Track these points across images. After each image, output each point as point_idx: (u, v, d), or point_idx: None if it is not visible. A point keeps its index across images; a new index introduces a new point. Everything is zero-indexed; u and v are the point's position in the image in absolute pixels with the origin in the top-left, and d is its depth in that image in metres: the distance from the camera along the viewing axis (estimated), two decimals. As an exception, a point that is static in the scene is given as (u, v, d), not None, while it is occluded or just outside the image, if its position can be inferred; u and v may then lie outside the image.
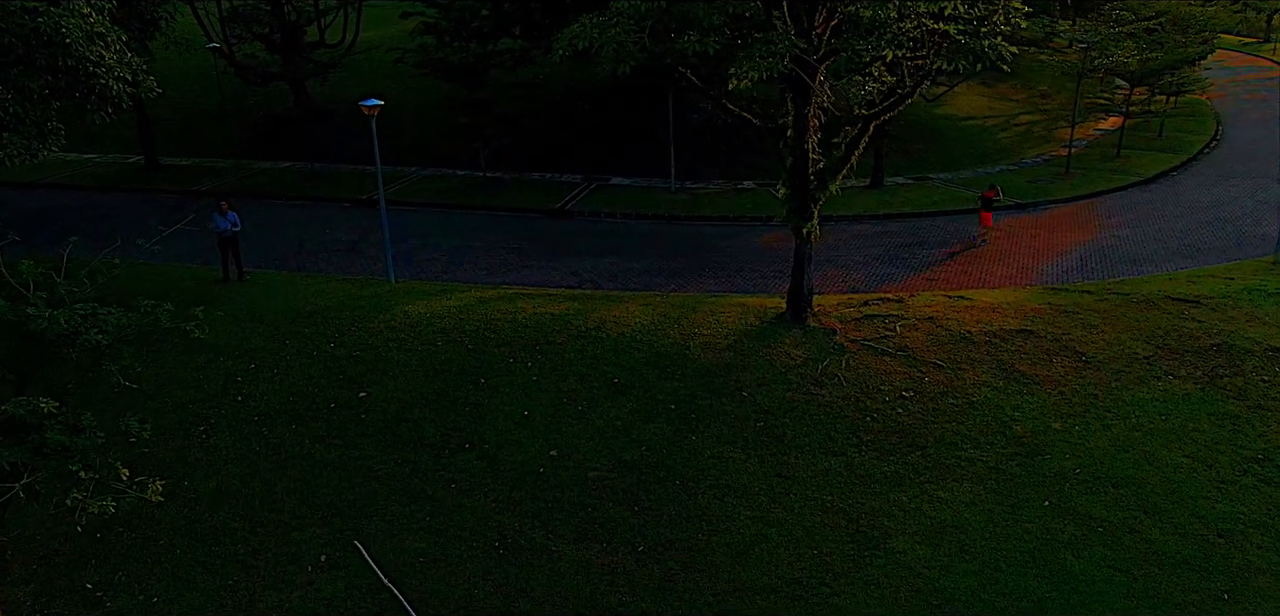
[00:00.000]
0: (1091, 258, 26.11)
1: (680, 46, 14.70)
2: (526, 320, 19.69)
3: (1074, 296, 21.21)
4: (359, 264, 25.77)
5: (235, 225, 22.20)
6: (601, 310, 20.12)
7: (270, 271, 24.23)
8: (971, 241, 27.64)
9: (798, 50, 14.44)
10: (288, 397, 17.78)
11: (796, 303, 19.12)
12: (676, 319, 19.59)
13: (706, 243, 27.74)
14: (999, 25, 13.96)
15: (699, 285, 23.96)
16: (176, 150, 39.52)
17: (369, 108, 21.07)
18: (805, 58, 15.05)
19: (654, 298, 21.42)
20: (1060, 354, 18.33)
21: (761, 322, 19.37)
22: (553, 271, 25.13)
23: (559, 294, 22.06)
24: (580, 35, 14.71)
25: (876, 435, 16.27)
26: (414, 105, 40.86)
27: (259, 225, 29.67)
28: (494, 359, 18.44)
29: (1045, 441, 16.05)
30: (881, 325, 19.31)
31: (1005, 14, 13.99)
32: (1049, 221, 30.28)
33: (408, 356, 18.62)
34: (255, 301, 21.21)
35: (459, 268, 25.53)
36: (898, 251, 26.93)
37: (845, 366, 17.83)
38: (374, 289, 22.17)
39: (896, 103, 16.25)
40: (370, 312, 20.36)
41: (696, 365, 17.95)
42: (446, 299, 21.16)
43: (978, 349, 18.47)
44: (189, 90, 44.44)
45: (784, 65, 14.22)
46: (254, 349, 19.15)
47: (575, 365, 18.13)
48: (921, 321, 19.50)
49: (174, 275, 23.47)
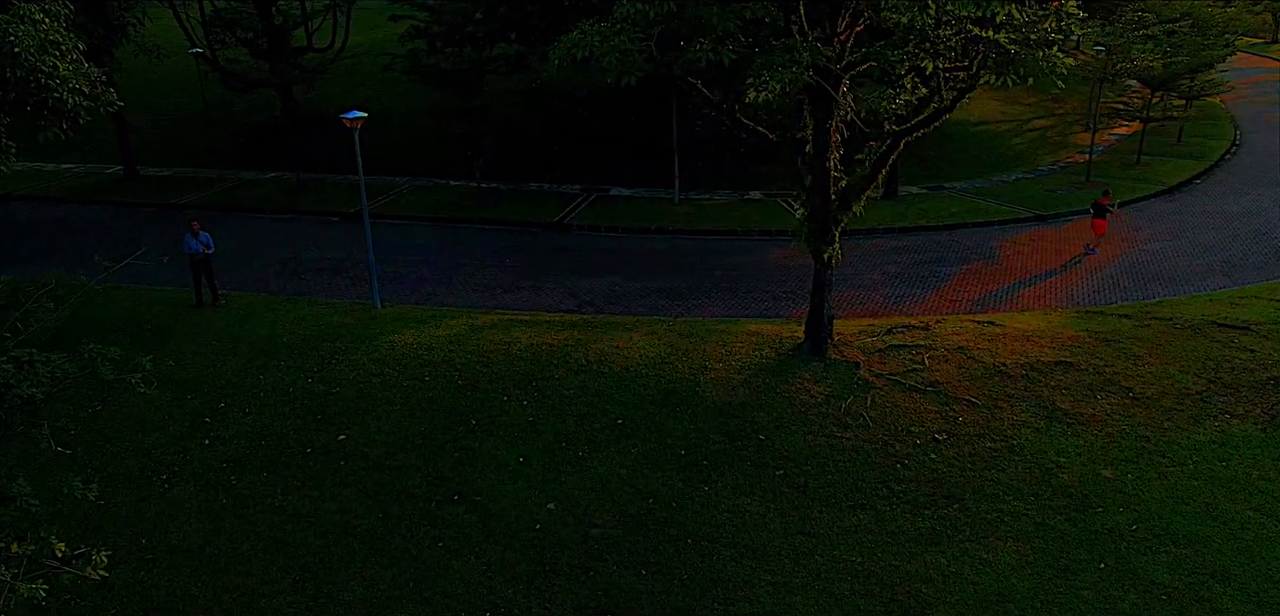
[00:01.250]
0: (1123, 275, 24.58)
1: (691, 56, 13.15)
2: (522, 351, 18.13)
3: (1112, 322, 19.68)
4: (344, 285, 24.19)
5: (208, 247, 20.61)
6: (603, 340, 18.56)
7: (248, 294, 22.64)
8: (1086, 249, 26.52)
9: (822, 59, 12.89)
10: (259, 441, 16.20)
11: (816, 333, 17.58)
12: (685, 350, 18.03)
13: (713, 259, 26.19)
14: (1051, 32, 12.42)
15: (707, 308, 22.41)
16: (158, 159, 37.94)
17: (351, 120, 19.50)
18: (828, 67, 13.50)
19: (660, 325, 19.86)
20: (1104, 389, 16.79)
21: (778, 354, 17.82)
22: (551, 292, 23.57)
23: (557, 320, 20.50)
24: (580, 44, 13.16)
25: (908, 485, 14.71)
26: (404, 112, 39.29)
27: (240, 242, 28.13)
28: (486, 396, 16.88)
29: (1095, 492, 14.50)
30: (908, 356, 17.77)
31: (1058, 19, 12.45)
32: (1072, 235, 28.75)
33: (392, 394, 17.06)
34: (228, 330, 19.63)
35: (451, 288, 23.96)
36: (917, 269, 25.40)
37: (870, 404, 16.28)
38: (358, 315, 20.59)
39: (931, 118, 14.72)
40: (353, 343, 18.79)
41: (708, 404, 16.39)
42: (435, 327, 19.59)
43: (1014, 383, 16.93)
44: (171, 97, 42.91)
45: (807, 76, 12.67)
46: (224, 385, 17.57)
47: (575, 403, 16.57)
48: (951, 352, 17.96)
49: (144, 299, 21.90)
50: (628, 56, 12.75)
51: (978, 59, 12.80)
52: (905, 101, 15.26)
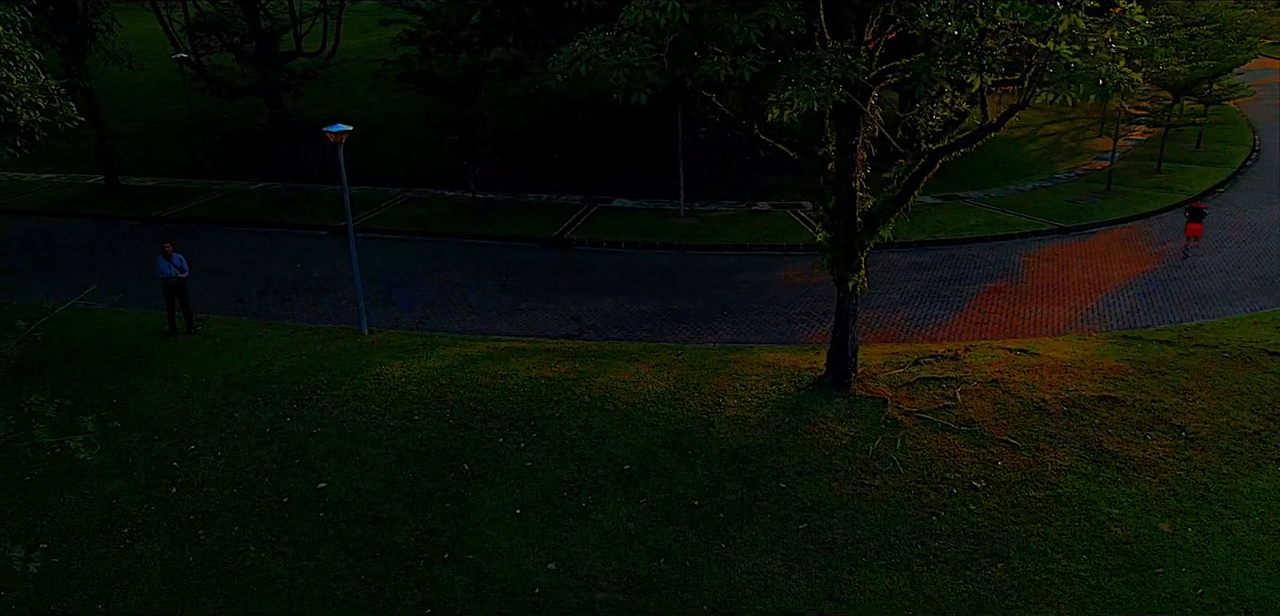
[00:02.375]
0: (1155, 293, 23.20)
1: (708, 70, 11.75)
2: (519, 385, 16.73)
3: (1154, 350, 18.30)
4: (330, 306, 22.77)
5: (182, 270, 19.19)
6: (607, 372, 17.16)
7: (227, 319, 21.22)
8: (1184, 253, 25.63)
9: (853, 75, 11.49)
10: (231, 489, 14.79)
11: (839, 366, 16.18)
12: (696, 384, 16.63)
13: (721, 277, 24.79)
14: (1112, 42, 11.04)
15: (717, 332, 21.02)
16: (142, 169, 36.53)
17: (334, 134, 18.09)
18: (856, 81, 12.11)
19: (668, 354, 18.46)
20: (1154, 428, 15.39)
21: (797, 389, 16.42)
22: (550, 315, 22.17)
23: (557, 348, 19.09)
24: (583, 57, 11.75)
25: (946, 541, 13.31)
26: (397, 119, 37.92)
27: (223, 257, 26.74)
28: (480, 437, 15.47)
29: (1153, 548, 13.10)
30: (938, 391, 16.37)
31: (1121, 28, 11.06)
32: (1098, 248, 27.40)
33: (378, 434, 15.65)
34: (202, 360, 18.22)
35: (444, 310, 22.55)
36: (937, 287, 24.03)
37: (900, 447, 14.88)
38: (343, 343, 19.18)
39: (974, 137, 13.32)
40: (336, 375, 17.38)
41: (723, 446, 14.99)
42: (426, 357, 18.18)
43: (1055, 421, 15.54)
44: (156, 103, 41.51)
45: (836, 94, 11.28)
46: (195, 424, 16.16)
47: (577, 445, 15.16)
48: (985, 386, 16.57)
49: (116, 324, 20.50)
50: (637, 72, 11.35)
51: (1031, 73, 11.42)
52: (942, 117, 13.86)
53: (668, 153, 31.14)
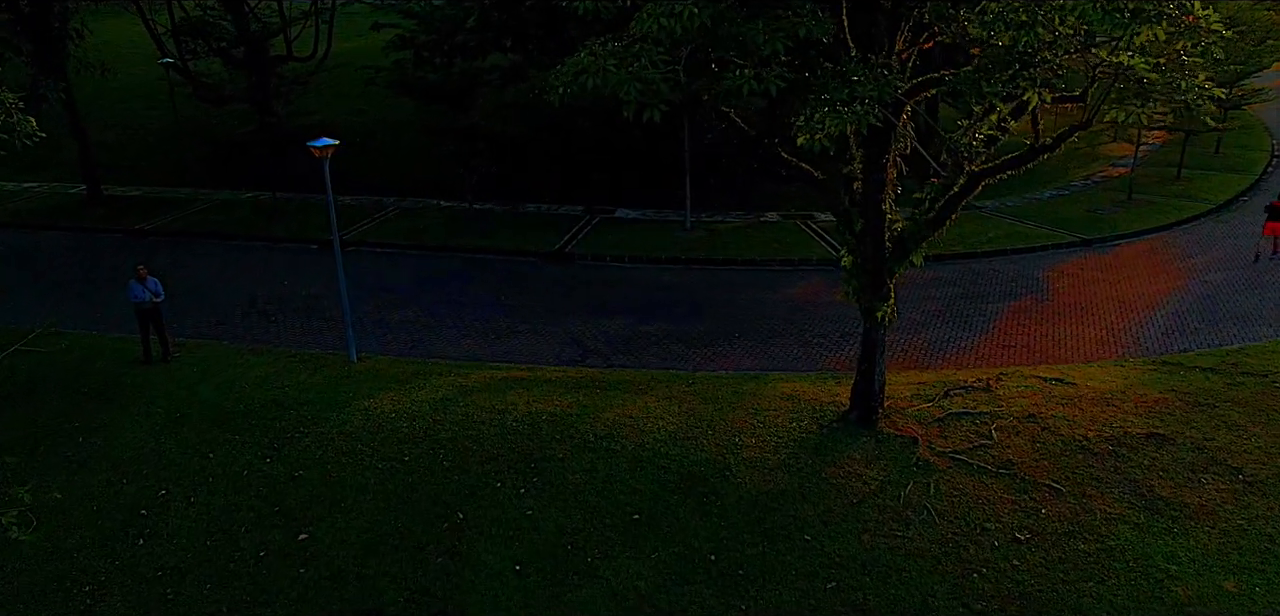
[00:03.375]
0: (1189, 313, 21.97)
1: (729, 84, 10.50)
2: (519, 422, 15.48)
3: (1198, 379, 17.08)
4: (319, 329, 21.51)
5: (157, 295, 17.94)
6: (614, 407, 15.92)
7: (207, 343, 19.97)
8: (1262, 253, 24.58)
9: (891, 94, 10.26)
10: (204, 540, 13.53)
11: (866, 402, 14.94)
12: (710, 420, 15.39)
13: (731, 295, 23.56)
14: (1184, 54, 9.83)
15: (728, 357, 19.78)
16: (127, 178, 35.26)
17: (320, 149, 16.85)
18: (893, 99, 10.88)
19: (678, 385, 17.22)
20: (1208, 470, 14.16)
21: (819, 426, 15.18)
22: (550, 338, 20.92)
23: (559, 377, 17.84)
24: (591, 70, 10.52)
25: (989, 602, 12.07)
26: (391, 125, 36.70)
27: (207, 273, 25.49)
28: (477, 481, 14.23)
29: (1218, 610, 11.86)
30: (972, 427, 15.14)
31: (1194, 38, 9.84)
32: (1123, 262, 26.19)
33: (365, 478, 14.40)
34: (177, 392, 16.97)
35: (438, 333, 21.30)
36: (958, 305, 22.80)
37: (934, 492, 13.65)
38: (330, 371, 17.93)
39: (1025, 157, 12.10)
40: (321, 410, 16.13)
41: (741, 493, 13.75)
42: (418, 388, 16.94)
43: (1100, 462, 14.30)
44: (140, 110, 40.26)
45: (873, 116, 10.05)
46: (167, 466, 14.90)
47: (582, 491, 13.92)
48: (1022, 421, 15.33)
49: (89, 349, 19.25)
50: (651, 86, 10.11)
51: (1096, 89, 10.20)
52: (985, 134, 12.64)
53: (672, 161, 29.91)
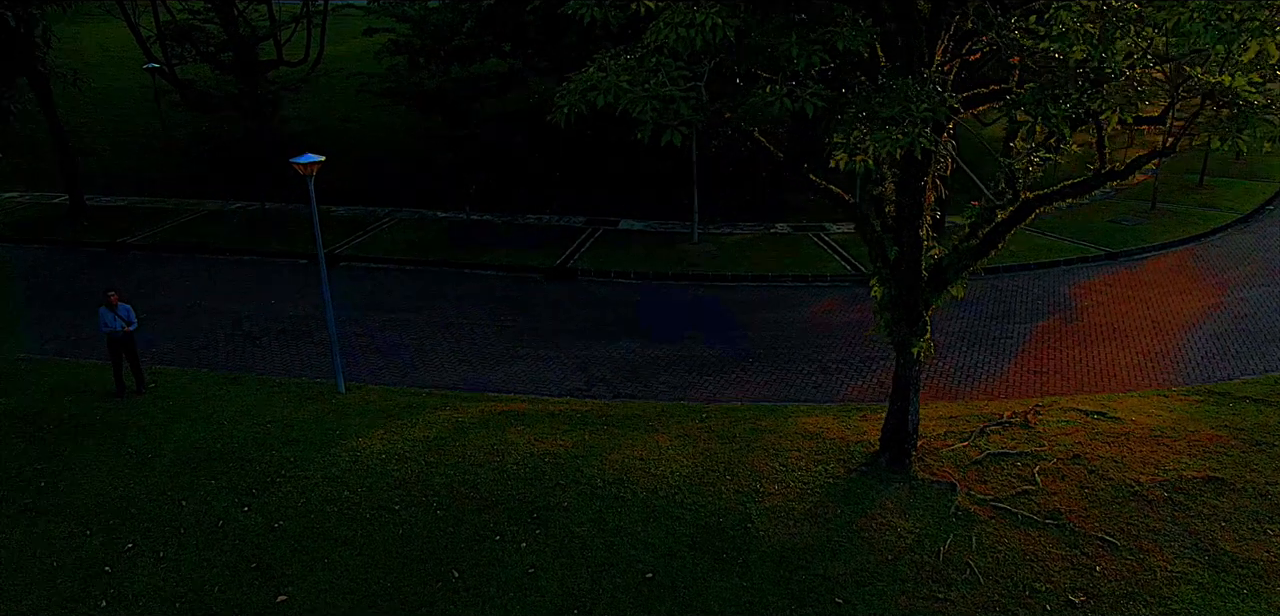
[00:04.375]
0: (1229, 335, 20.77)
1: (758, 102, 9.27)
2: (519, 464, 14.24)
3: (1251, 412, 15.86)
4: (306, 354, 20.25)
5: (129, 323, 16.69)
6: (622, 445, 14.68)
7: (185, 372, 18.73)
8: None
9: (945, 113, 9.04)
10: (172, 603, 12.26)
11: (898, 443, 13.71)
12: (727, 462, 14.15)
13: (743, 315, 22.33)
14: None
15: (743, 385, 18.54)
16: (113, 187, 33.98)
17: (304, 166, 15.61)
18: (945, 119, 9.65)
19: (690, 418, 15.98)
20: (1274, 520, 12.92)
21: (846, 469, 13.94)
22: (552, 364, 19.68)
23: (563, 410, 16.59)
24: (601, 86, 9.28)
25: (1045, 677, 10.85)
26: (386, 131, 35.48)
27: (192, 292, 24.23)
28: (473, 533, 12.98)
29: (1300, 687, 10.65)
30: (1014, 470, 13.91)
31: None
32: (1152, 278, 25.00)
33: (352, 530, 13.14)
34: (150, 430, 15.71)
35: (433, 358, 20.05)
36: (983, 326, 21.59)
37: (977, 546, 12.41)
38: (316, 405, 16.69)
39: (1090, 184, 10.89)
40: (305, 450, 14.88)
41: (763, 548, 12.50)
42: (411, 424, 15.70)
43: (1156, 511, 13.07)
44: (128, 117, 39.00)
45: (924, 138, 8.82)
46: (136, 515, 13.64)
47: (589, 546, 12.67)
48: (1067, 464, 14.10)
49: (60, 378, 17.99)
50: (670, 105, 8.88)
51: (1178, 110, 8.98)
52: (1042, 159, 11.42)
53: (677, 169, 28.68)
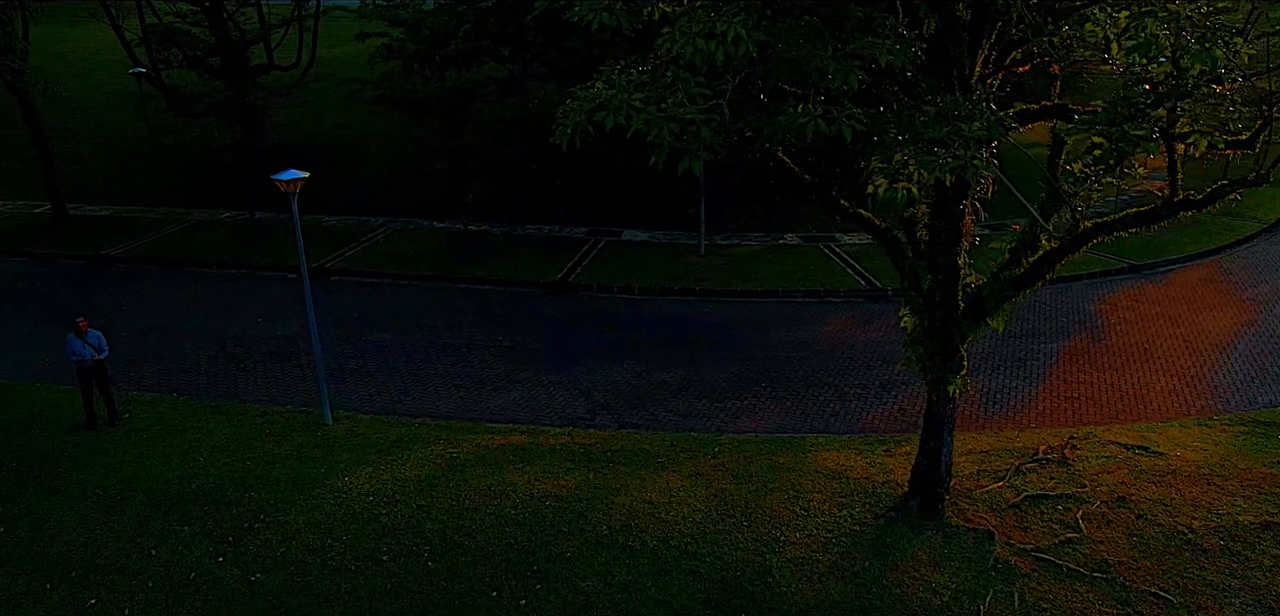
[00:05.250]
0: (1268, 356, 19.67)
1: (788, 122, 8.16)
2: (518, 508, 13.14)
3: (1305, 446, 14.77)
4: (293, 379, 19.13)
5: (100, 350, 15.60)
6: (630, 488, 13.58)
7: (164, 399, 17.62)
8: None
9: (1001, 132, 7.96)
10: (137, 669, 11.19)
11: (930, 486, 12.61)
12: (743, 506, 13.05)
13: (753, 334, 21.23)
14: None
15: (756, 413, 17.44)
16: (99, 196, 32.83)
17: (287, 183, 14.51)
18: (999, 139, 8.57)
19: (702, 455, 14.89)
20: (1343, 572, 11.84)
21: (875, 515, 12.84)
22: (553, 389, 18.57)
23: (564, 444, 15.48)
24: (610, 105, 8.17)
25: None
26: (381, 138, 34.38)
27: (175, 309, 23.13)
28: (468, 589, 11.87)
29: None
30: (1055, 515, 12.82)
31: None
32: (1181, 292, 23.90)
33: (336, 583, 12.04)
34: (122, 467, 14.61)
35: (427, 382, 18.94)
36: (1006, 345, 20.46)
37: (1019, 603, 11.32)
38: (300, 438, 15.59)
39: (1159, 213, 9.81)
40: (287, 491, 13.78)
41: (788, 607, 11.39)
42: (402, 461, 14.59)
43: (1212, 561, 11.98)
44: (117, 122, 37.87)
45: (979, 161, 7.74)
46: (102, 566, 12.52)
47: (596, 603, 11.56)
48: (1111, 507, 13.01)
49: (26, 411, 16.88)
50: (689, 128, 7.78)
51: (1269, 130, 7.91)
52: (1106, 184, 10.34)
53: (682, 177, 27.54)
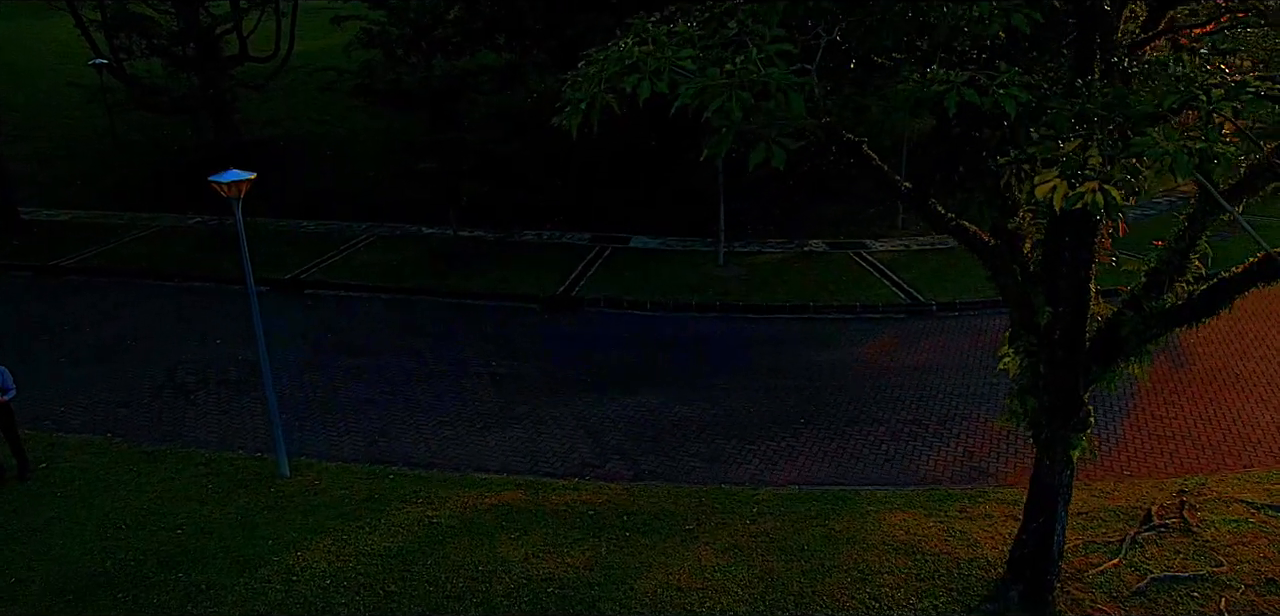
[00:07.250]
0: (1381, 384, 17.02)
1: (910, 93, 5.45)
2: (510, 594, 10.41)
3: None
4: (248, 416, 16.34)
5: (5, 390, 12.85)
6: (652, 569, 10.85)
7: (93, 441, 14.86)
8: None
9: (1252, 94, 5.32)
10: None
11: (1039, 572, 9.88)
12: (798, 595, 10.33)
13: (783, 358, 18.51)
14: None
15: (796, 460, 14.69)
16: (57, 199, 30.10)
17: (227, 185, 11.79)
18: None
19: (738, 518, 12.14)
20: None
21: (965, 608, 10.12)
22: (554, 427, 15.83)
23: (569, 504, 12.72)
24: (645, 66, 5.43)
25: None
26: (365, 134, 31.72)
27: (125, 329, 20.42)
28: (446, 710, 9.16)
29: None
30: (1192, 605, 10.12)
31: None
32: (1257, 308, 20.98)
33: (274, 703, 9.32)
34: (23, 537, 11.87)
35: (406, 418, 16.19)
36: (1077, 372, 17.72)
37: (1167, 736, 8.62)
38: (249, 494, 12.84)
39: None
40: (224, 570, 11.05)
41: (865, 742, 8.69)
42: (371, 527, 11.86)
43: (1406, 672, 9.29)
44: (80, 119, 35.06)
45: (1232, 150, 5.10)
46: (-23, 677, 9.83)
47: (612, 735, 8.85)
48: (1259, 592, 10.30)
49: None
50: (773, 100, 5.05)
51: None
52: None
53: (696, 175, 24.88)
